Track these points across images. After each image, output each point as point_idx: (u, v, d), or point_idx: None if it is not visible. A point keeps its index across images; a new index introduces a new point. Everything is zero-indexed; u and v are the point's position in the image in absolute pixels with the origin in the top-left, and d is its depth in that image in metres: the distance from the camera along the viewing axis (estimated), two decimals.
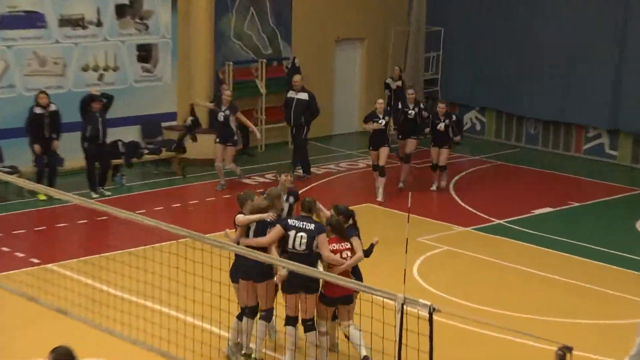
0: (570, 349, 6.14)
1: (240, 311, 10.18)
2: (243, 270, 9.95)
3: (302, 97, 18.80)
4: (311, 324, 9.85)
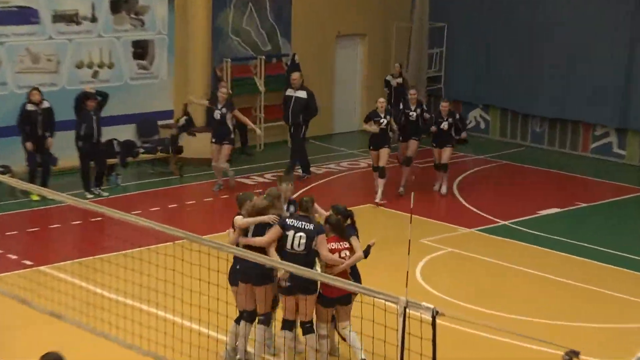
0: (577, 353, 6.30)
1: (239, 315, 10.09)
2: (242, 271, 9.86)
3: (301, 95, 18.60)
4: (310, 326, 9.80)
